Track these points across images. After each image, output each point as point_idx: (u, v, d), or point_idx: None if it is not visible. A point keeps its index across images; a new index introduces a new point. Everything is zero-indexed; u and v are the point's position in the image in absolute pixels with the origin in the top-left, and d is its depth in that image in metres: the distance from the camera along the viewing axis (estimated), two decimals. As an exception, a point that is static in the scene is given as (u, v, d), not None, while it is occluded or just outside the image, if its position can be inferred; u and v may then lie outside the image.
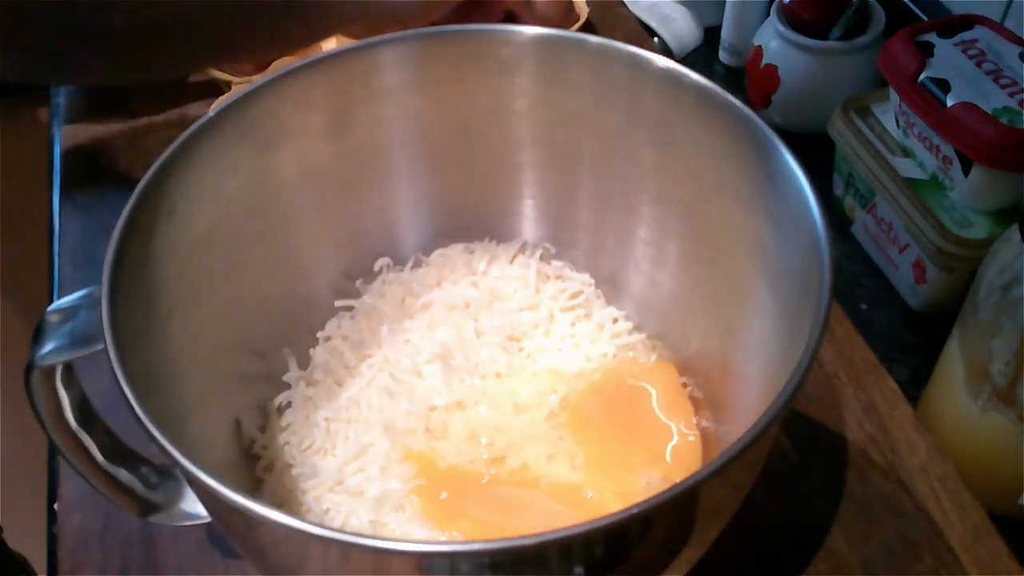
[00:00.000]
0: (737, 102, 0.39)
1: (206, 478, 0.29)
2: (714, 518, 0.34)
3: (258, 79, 0.43)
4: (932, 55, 0.55)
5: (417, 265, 0.51)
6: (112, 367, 0.31)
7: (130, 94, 0.70)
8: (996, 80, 0.53)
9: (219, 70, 0.65)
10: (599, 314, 0.49)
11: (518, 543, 0.27)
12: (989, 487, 0.46)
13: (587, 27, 0.72)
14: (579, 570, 0.29)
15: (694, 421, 0.44)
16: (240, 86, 0.63)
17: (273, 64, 0.63)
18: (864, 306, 0.59)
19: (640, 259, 0.48)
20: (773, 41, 0.68)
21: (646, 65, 0.42)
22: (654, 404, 0.45)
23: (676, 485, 0.28)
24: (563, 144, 0.47)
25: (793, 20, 0.67)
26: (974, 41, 0.55)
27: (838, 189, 0.64)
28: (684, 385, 0.46)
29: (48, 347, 0.35)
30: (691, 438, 0.44)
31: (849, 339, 0.52)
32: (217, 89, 0.67)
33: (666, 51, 0.76)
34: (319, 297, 0.49)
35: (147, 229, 0.37)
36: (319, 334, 0.48)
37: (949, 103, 0.53)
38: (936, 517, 0.45)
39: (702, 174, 0.43)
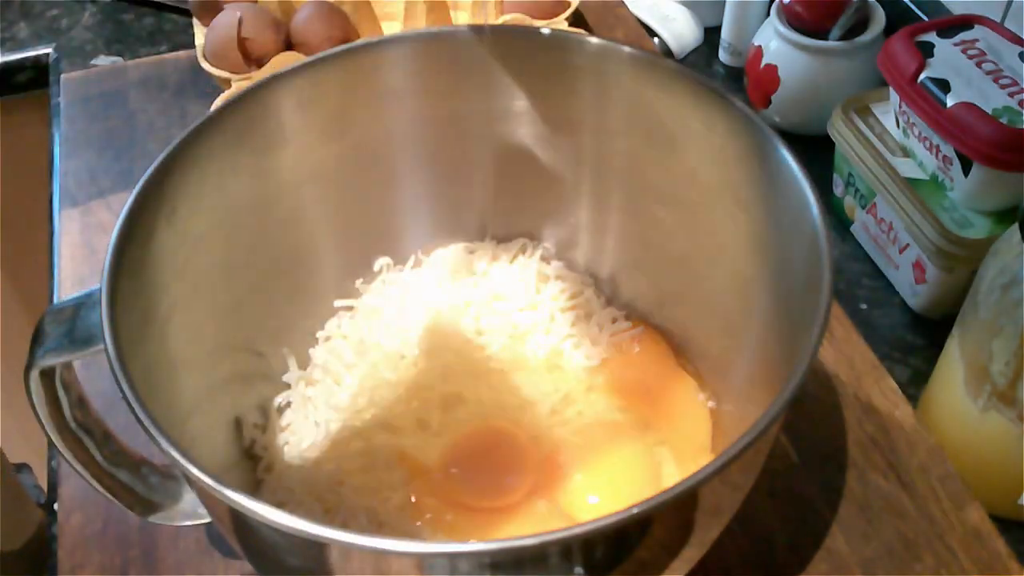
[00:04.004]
0: (737, 102, 0.39)
1: (206, 478, 0.29)
2: (714, 518, 0.34)
3: (257, 77, 0.43)
4: (932, 55, 0.55)
5: (417, 265, 0.51)
6: (112, 367, 0.31)
7: (130, 93, 0.70)
8: (996, 80, 0.53)
9: (216, 66, 0.65)
10: (599, 314, 0.49)
11: (518, 543, 0.27)
12: (989, 487, 0.46)
13: (578, 16, 0.72)
14: (579, 570, 0.29)
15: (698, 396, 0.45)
16: (240, 84, 0.63)
17: (272, 61, 0.63)
18: (864, 306, 0.59)
19: (640, 259, 0.48)
20: (773, 41, 0.68)
21: (646, 65, 0.42)
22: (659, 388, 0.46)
23: (676, 485, 0.28)
24: (563, 144, 0.47)
25: (793, 20, 0.67)
26: (974, 41, 0.55)
27: (838, 189, 0.64)
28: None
29: (48, 347, 0.35)
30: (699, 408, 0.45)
31: (849, 339, 0.52)
32: (217, 89, 0.67)
33: (666, 51, 0.76)
34: (319, 297, 0.49)
35: (147, 229, 0.37)
36: (319, 334, 0.48)
37: (949, 103, 0.53)
38: (936, 517, 0.45)
39: (702, 174, 0.43)
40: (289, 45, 0.66)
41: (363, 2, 0.67)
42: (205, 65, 0.65)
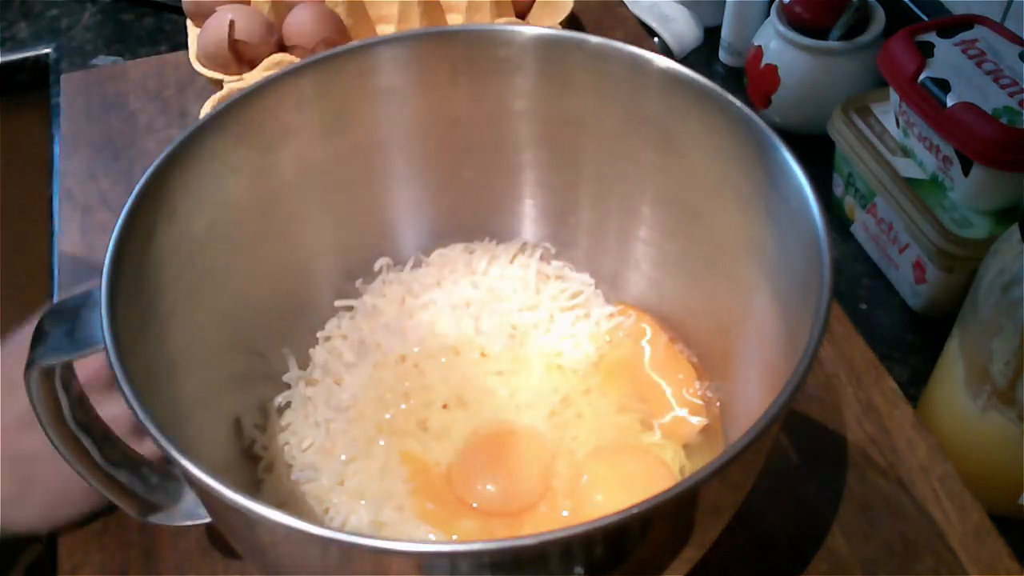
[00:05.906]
0: (737, 102, 0.39)
1: (206, 478, 0.29)
2: (714, 518, 0.34)
3: (249, 78, 0.42)
4: (932, 55, 0.55)
5: (417, 265, 0.51)
6: (112, 367, 0.31)
7: (130, 93, 0.70)
8: (996, 80, 0.53)
9: (208, 68, 0.65)
10: (599, 314, 0.49)
11: (518, 543, 0.27)
12: (989, 487, 0.46)
13: (577, 16, 0.72)
14: (579, 570, 0.29)
15: (696, 385, 0.46)
16: (232, 84, 0.63)
17: (264, 63, 0.63)
18: (864, 306, 0.59)
19: (640, 259, 0.48)
20: (773, 41, 0.68)
21: (646, 65, 0.42)
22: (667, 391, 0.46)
23: (676, 485, 0.28)
24: (563, 144, 0.47)
25: (793, 20, 0.67)
26: (974, 41, 0.55)
27: (838, 189, 0.64)
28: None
29: (48, 347, 0.35)
30: (697, 401, 0.45)
31: (849, 339, 0.52)
32: (217, 89, 0.67)
33: (666, 51, 0.76)
34: (319, 297, 0.49)
35: (147, 229, 0.37)
36: (319, 334, 0.48)
37: (949, 103, 0.53)
38: (936, 517, 0.45)
39: (702, 174, 0.43)
40: (281, 47, 0.66)
41: (357, 4, 0.67)
42: (197, 66, 0.65)
